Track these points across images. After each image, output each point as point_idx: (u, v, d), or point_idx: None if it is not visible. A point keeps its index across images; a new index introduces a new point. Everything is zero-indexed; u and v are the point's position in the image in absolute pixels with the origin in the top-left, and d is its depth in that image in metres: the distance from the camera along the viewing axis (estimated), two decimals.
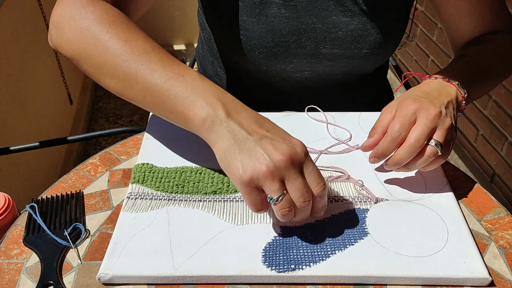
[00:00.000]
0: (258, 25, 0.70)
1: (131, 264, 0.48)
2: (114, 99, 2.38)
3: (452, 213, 0.55)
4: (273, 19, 0.70)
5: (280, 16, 0.70)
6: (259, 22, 0.70)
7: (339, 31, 0.71)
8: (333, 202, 0.56)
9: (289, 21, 0.70)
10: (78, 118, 2.07)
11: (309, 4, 0.70)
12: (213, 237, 0.51)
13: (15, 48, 1.43)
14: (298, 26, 0.71)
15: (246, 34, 0.71)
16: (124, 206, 0.55)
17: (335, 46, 0.73)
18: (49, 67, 1.78)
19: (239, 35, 0.72)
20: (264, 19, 0.70)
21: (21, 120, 1.42)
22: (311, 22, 0.71)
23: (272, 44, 0.72)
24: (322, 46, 0.73)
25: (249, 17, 0.70)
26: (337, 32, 0.71)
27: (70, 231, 0.53)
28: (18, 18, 1.48)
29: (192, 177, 0.59)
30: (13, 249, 0.52)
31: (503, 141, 1.55)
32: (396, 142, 0.55)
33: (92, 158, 0.65)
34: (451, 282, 0.48)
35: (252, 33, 0.71)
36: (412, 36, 2.09)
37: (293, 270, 0.48)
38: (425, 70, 2.03)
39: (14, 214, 0.57)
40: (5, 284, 0.48)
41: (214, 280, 0.48)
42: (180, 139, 0.66)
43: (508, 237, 0.54)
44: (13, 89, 1.38)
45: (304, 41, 0.72)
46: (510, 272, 0.50)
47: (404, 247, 0.50)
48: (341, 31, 0.71)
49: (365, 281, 0.48)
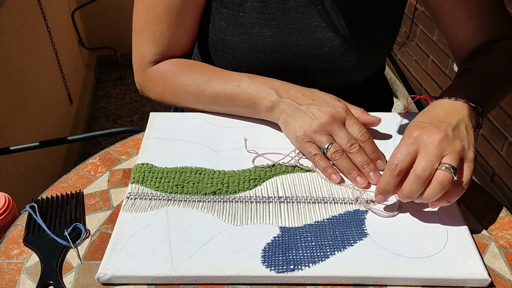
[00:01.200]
0: (241, 45, 0.70)
1: (130, 264, 0.48)
2: (114, 99, 2.38)
3: (451, 214, 0.55)
4: (256, 38, 0.69)
5: (263, 36, 0.69)
6: (242, 41, 0.70)
7: (324, 47, 0.71)
8: (333, 204, 0.56)
9: (272, 40, 0.70)
10: (78, 118, 2.07)
11: (292, 22, 0.69)
12: (212, 237, 0.51)
13: (15, 48, 1.43)
14: (282, 44, 0.70)
15: (231, 53, 0.72)
16: (124, 206, 0.55)
17: (321, 61, 0.72)
18: (49, 67, 1.78)
19: (225, 53, 0.72)
20: (247, 38, 0.69)
21: (21, 120, 1.42)
22: (295, 40, 0.70)
23: (257, 62, 0.72)
24: (308, 62, 0.72)
25: (232, 37, 0.70)
26: (322, 47, 0.71)
27: (70, 231, 0.53)
28: (18, 18, 1.48)
29: (191, 178, 0.59)
30: (13, 249, 0.52)
31: (503, 141, 1.55)
32: (395, 176, 0.51)
33: (92, 158, 0.65)
34: (451, 283, 0.48)
35: (237, 52, 0.71)
36: (412, 36, 2.09)
37: (293, 271, 0.48)
38: (425, 70, 2.03)
39: (14, 214, 0.57)
40: (5, 284, 0.48)
41: (213, 281, 0.48)
42: (180, 139, 0.66)
43: (508, 237, 0.54)
44: (13, 89, 1.38)
45: (289, 58, 0.71)
46: (510, 272, 0.50)
47: (404, 248, 0.50)
48: (326, 46, 0.71)
49: (364, 281, 0.48)
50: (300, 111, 0.62)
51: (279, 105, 0.64)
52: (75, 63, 2.24)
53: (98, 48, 2.54)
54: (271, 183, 0.59)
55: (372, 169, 0.59)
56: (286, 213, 0.55)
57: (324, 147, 0.59)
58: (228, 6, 0.68)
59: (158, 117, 0.71)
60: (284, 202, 0.56)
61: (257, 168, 0.60)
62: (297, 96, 0.63)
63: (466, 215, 0.57)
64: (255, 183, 0.59)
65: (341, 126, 0.60)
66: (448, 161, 0.50)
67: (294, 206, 0.56)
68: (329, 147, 0.59)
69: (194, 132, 0.67)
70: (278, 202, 0.56)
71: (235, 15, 0.68)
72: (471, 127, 0.55)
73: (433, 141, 0.51)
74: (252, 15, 0.68)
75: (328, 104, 0.62)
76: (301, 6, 0.68)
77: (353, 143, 0.59)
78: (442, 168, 0.49)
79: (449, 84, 0.64)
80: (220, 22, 0.70)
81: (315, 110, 0.61)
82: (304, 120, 0.61)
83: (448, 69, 1.84)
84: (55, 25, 1.90)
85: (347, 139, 0.59)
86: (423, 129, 0.52)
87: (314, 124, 0.60)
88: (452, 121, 0.54)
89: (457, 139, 0.51)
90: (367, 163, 0.59)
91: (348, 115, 0.61)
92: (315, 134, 0.60)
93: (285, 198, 0.57)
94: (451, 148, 0.50)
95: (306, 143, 0.60)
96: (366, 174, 0.59)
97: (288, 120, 0.62)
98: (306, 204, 0.56)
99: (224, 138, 0.66)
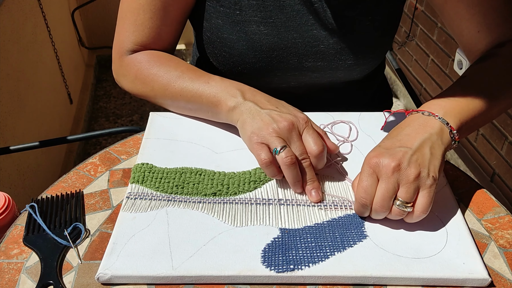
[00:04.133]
0: (238, 43, 0.70)
1: (130, 264, 0.48)
2: (114, 99, 2.38)
3: (451, 214, 0.55)
4: (253, 36, 0.69)
5: (260, 33, 0.69)
6: (239, 39, 0.70)
7: (321, 45, 0.71)
8: (332, 207, 0.56)
9: (269, 38, 0.70)
10: (78, 118, 2.07)
11: (288, 20, 0.69)
12: (212, 238, 0.51)
13: (15, 48, 1.43)
14: (278, 42, 0.70)
15: (228, 51, 0.71)
16: (124, 206, 0.55)
17: (318, 59, 0.72)
18: (49, 67, 1.78)
19: (222, 51, 0.72)
20: (244, 36, 0.69)
21: (21, 120, 1.42)
22: (291, 38, 0.70)
23: (254, 60, 0.71)
24: (304, 60, 0.72)
25: (229, 35, 0.70)
26: (318, 45, 0.71)
27: (70, 230, 0.53)
28: (18, 18, 1.48)
29: (191, 178, 0.59)
30: (13, 249, 0.52)
31: (503, 140, 1.55)
32: (365, 206, 0.52)
33: (92, 158, 0.65)
34: (451, 282, 0.48)
35: (234, 50, 0.71)
36: (412, 36, 2.09)
37: (292, 271, 0.48)
38: (425, 69, 2.02)
39: (14, 214, 0.57)
40: (5, 284, 0.48)
41: (213, 280, 0.48)
42: (180, 139, 0.66)
43: (508, 237, 0.54)
44: (13, 89, 1.38)
45: (286, 56, 0.71)
46: (510, 271, 0.50)
47: (404, 248, 0.50)
48: (323, 44, 0.70)
49: (364, 281, 0.48)
50: (260, 114, 0.59)
51: (241, 107, 0.61)
52: (75, 63, 2.24)
53: (98, 47, 2.54)
54: (271, 185, 0.59)
55: (316, 186, 0.57)
56: (286, 215, 0.55)
57: (277, 148, 0.56)
58: (224, 4, 0.68)
59: (158, 117, 0.71)
60: (284, 205, 0.56)
61: (257, 170, 0.60)
62: (261, 101, 0.62)
63: (466, 214, 0.57)
64: (255, 185, 0.59)
65: (298, 137, 0.58)
66: (401, 196, 0.50)
67: (294, 208, 0.56)
68: (282, 150, 0.56)
69: (194, 133, 0.67)
70: (278, 204, 0.56)
71: (232, 13, 0.68)
72: (440, 145, 0.54)
73: (387, 172, 0.51)
74: (249, 13, 0.68)
75: (290, 112, 0.60)
76: (297, 4, 0.68)
77: (305, 157, 0.57)
78: (395, 204, 0.51)
79: (440, 92, 0.62)
80: (217, 20, 0.70)
81: (275, 115, 0.59)
82: (263, 121, 0.58)
83: (448, 69, 1.84)
84: (55, 25, 1.90)
85: (300, 152, 0.57)
86: (379, 157, 0.52)
87: (272, 127, 0.57)
88: (414, 144, 0.53)
89: (412, 167, 0.51)
90: (312, 180, 0.57)
91: (307, 127, 0.59)
92: (270, 136, 0.57)
93: (285, 201, 0.57)
94: (405, 179, 0.50)
95: (259, 144, 0.57)
96: (308, 191, 0.57)
97: (246, 121, 0.60)
98: (306, 207, 0.56)
99: (224, 139, 0.66)
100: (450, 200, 0.57)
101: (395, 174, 0.50)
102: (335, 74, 0.74)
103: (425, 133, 0.54)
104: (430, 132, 0.55)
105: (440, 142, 0.54)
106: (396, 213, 0.51)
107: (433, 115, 0.56)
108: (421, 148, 0.53)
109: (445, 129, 0.55)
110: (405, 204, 0.50)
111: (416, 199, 0.51)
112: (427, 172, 0.51)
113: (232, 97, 0.62)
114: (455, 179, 0.62)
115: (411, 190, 0.50)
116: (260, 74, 0.74)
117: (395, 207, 0.51)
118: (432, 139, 0.54)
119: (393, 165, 0.50)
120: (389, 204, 0.51)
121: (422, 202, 0.51)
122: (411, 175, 0.50)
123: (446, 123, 0.56)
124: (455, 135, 0.56)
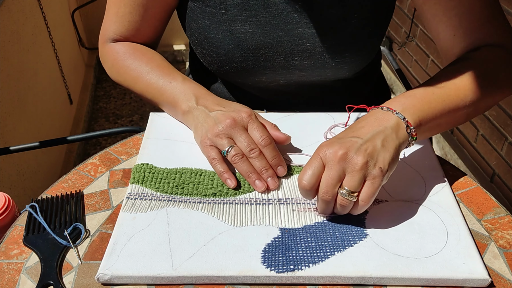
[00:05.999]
0: (225, 42, 0.70)
1: (130, 264, 0.48)
2: (114, 99, 2.38)
3: (451, 214, 0.55)
4: (239, 35, 0.70)
5: (245, 32, 0.69)
6: (225, 38, 0.70)
7: (307, 43, 0.70)
8: None
9: (254, 36, 0.70)
10: (78, 118, 2.07)
11: (274, 19, 0.69)
12: (212, 238, 0.51)
13: (15, 48, 1.43)
14: (264, 40, 0.70)
15: (215, 50, 0.72)
16: (124, 206, 0.55)
17: (304, 57, 0.72)
18: (49, 67, 1.78)
19: (210, 51, 0.73)
20: (230, 35, 0.70)
21: (21, 120, 1.42)
22: (277, 36, 0.70)
23: (241, 59, 0.72)
24: (291, 58, 0.72)
25: (216, 34, 0.70)
26: (304, 44, 0.70)
27: (70, 231, 0.53)
28: (18, 18, 1.48)
29: (192, 179, 0.59)
30: (13, 249, 0.52)
31: (503, 141, 1.55)
32: (308, 191, 0.52)
33: (92, 158, 0.65)
34: (451, 283, 0.48)
35: (221, 49, 0.71)
36: (412, 36, 2.09)
37: (293, 271, 0.48)
38: (425, 70, 2.03)
39: (14, 214, 0.57)
40: (5, 284, 0.48)
41: (213, 281, 0.48)
42: (180, 140, 0.66)
43: (508, 237, 0.54)
44: (13, 89, 1.38)
45: (272, 54, 0.71)
46: (510, 272, 0.50)
47: (404, 248, 0.50)
48: (308, 42, 0.70)
49: (364, 281, 0.48)
50: (209, 117, 0.62)
51: (193, 112, 0.65)
52: (75, 63, 2.24)
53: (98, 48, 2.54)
54: None
55: (271, 174, 0.58)
56: (286, 214, 0.55)
57: (224, 150, 0.59)
58: (210, 4, 0.69)
59: (158, 117, 0.71)
60: (284, 204, 0.56)
61: None
62: (210, 105, 0.64)
63: (466, 215, 0.57)
64: None
65: (242, 130, 0.60)
66: (346, 185, 0.50)
67: (294, 207, 0.56)
68: (229, 150, 0.59)
69: None
70: (278, 204, 0.56)
71: (218, 13, 0.69)
72: (394, 139, 0.53)
73: (333, 159, 0.51)
74: (234, 12, 0.68)
75: (234, 110, 0.62)
76: (282, 2, 0.68)
77: (253, 147, 0.59)
78: (340, 193, 0.51)
79: None
80: (203, 20, 0.70)
81: (220, 115, 0.61)
82: (209, 124, 0.61)
83: None
84: (55, 25, 1.90)
85: (247, 144, 0.59)
86: (328, 146, 0.52)
87: (216, 128, 0.60)
88: (367, 135, 0.53)
89: (360, 156, 0.50)
90: (266, 168, 0.58)
91: (251, 120, 0.61)
92: (216, 137, 0.60)
93: (284, 200, 0.57)
94: (351, 167, 0.50)
95: (208, 146, 0.61)
96: (264, 179, 0.58)
97: (197, 126, 0.63)
98: (305, 206, 0.56)
99: None
100: (450, 200, 0.57)
101: (341, 163, 0.50)
102: (324, 72, 0.74)
103: (380, 126, 0.54)
104: (385, 125, 0.54)
105: (394, 136, 0.54)
106: (341, 202, 0.51)
107: (391, 110, 0.56)
108: (372, 139, 0.52)
109: (401, 124, 0.55)
110: (350, 193, 0.50)
111: None
112: (374, 162, 0.51)
113: (187, 101, 0.66)
114: (455, 179, 0.62)
115: (356, 179, 0.50)
116: (247, 73, 0.74)
117: (340, 195, 0.51)
118: (386, 132, 0.53)
119: (340, 153, 0.50)
120: (333, 192, 0.51)
121: (365, 191, 0.50)
122: (357, 163, 0.50)
123: (403, 117, 0.55)
124: (412, 131, 0.55)
